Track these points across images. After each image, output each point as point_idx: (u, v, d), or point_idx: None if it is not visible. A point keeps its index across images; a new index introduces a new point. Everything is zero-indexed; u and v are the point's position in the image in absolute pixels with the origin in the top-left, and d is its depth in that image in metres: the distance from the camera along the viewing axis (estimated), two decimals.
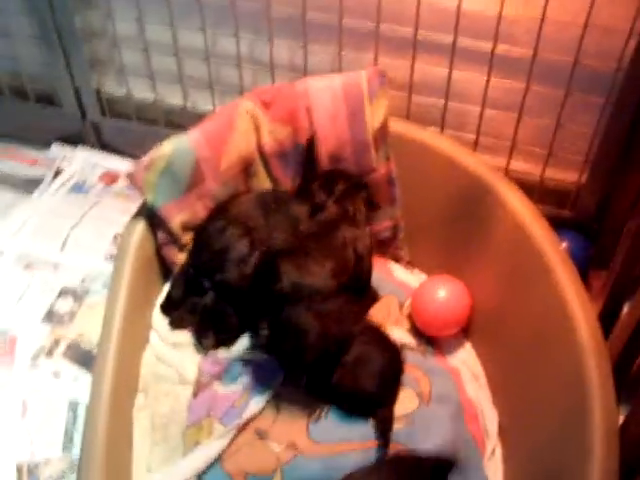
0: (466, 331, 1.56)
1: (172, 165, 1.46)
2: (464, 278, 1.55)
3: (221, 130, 1.51)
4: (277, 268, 1.35)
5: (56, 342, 1.63)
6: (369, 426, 1.34)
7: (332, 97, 1.54)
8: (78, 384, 1.55)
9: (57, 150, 2.09)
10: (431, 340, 1.54)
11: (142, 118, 1.93)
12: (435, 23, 1.53)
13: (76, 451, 1.47)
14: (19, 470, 1.44)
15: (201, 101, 1.85)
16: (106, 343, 1.35)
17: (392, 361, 1.40)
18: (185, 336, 1.50)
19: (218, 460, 1.31)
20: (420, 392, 1.41)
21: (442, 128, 1.66)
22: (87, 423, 1.27)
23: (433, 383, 1.43)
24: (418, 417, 1.36)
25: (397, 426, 1.34)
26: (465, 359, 1.52)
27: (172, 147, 1.46)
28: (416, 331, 1.54)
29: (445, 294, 1.51)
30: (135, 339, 1.46)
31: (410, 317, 1.55)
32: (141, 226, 1.49)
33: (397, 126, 1.58)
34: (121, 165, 2.03)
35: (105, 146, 2.08)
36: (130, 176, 1.45)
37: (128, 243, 1.47)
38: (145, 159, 1.45)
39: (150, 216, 1.50)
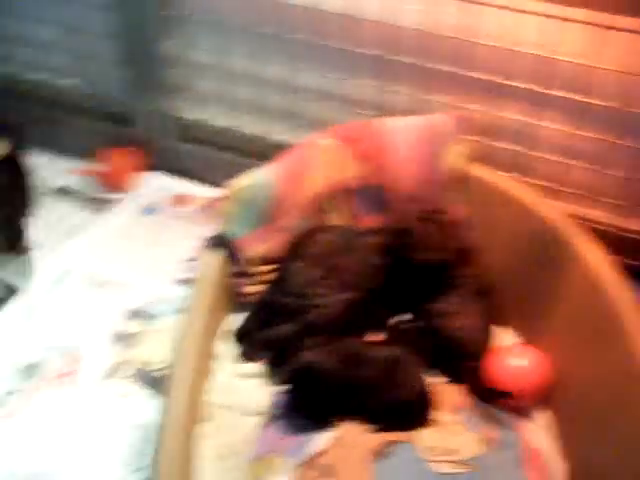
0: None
1: (253, 197, 1.48)
2: (534, 333, 1.54)
3: (300, 166, 1.53)
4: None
5: (123, 363, 1.65)
6: (431, 468, 1.34)
7: (410, 138, 1.56)
8: (144, 406, 1.56)
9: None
10: None
11: (217, 145, 1.96)
12: (526, 72, 1.54)
13: (141, 475, 1.48)
14: None
15: (278, 132, 1.87)
16: (179, 368, 1.36)
17: None
18: (254, 367, 1.51)
19: None
20: (487, 437, 1.41)
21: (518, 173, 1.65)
22: (158, 449, 1.28)
23: (500, 430, 1.43)
24: (483, 462, 1.37)
25: (460, 470, 1.35)
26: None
27: (254, 179, 1.48)
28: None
29: (520, 361, 1.49)
30: (204, 367, 1.48)
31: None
32: (216, 255, 1.51)
33: (472, 169, 1.59)
34: (193, 189, 2.05)
35: (178, 170, 2.10)
36: (210, 205, 1.48)
37: (205, 271, 1.49)
38: (227, 190, 1.47)
39: (226, 246, 1.51)
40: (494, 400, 1.46)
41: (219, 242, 1.52)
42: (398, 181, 1.56)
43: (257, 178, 1.49)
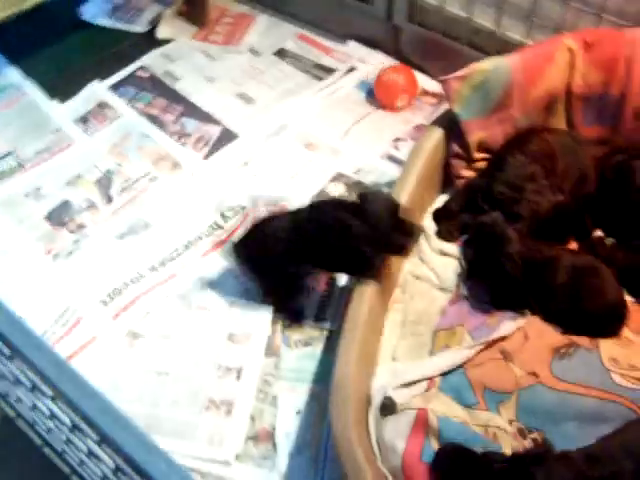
0: None
1: (487, 82, 1.49)
2: None
3: (540, 60, 1.52)
4: None
5: None
6: (612, 378, 1.35)
7: None
8: None
9: (353, 46, 2.18)
10: None
11: (445, 33, 1.96)
12: None
13: (326, 324, 1.57)
14: (274, 323, 1.56)
15: (511, 30, 1.84)
16: None
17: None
18: (451, 246, 1.55)
19: (462, 367, 1.37)
20: None
21: None
22: (351, 304, 1.37)
23: None
24: None
25: (638, 386, 1.34)
26: None
27: (492, 65, 1.49)
28: None
29: None
30: None
31: None
32: (439, 133, 1.55)
33: None
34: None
35: (399, 55, 2.13)
36: (444, 83, 1.50)
37: (423, 146, 1.54)
38: (462, 70, 1.49)
39: (449, 126, 1.54)
40: None
41: (445, 121, 1.55)
42: (635, 96, 1.52)
43: (497, 64, 1.50)
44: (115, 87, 2.11)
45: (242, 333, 1.55)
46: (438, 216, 1.59)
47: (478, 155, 1.57)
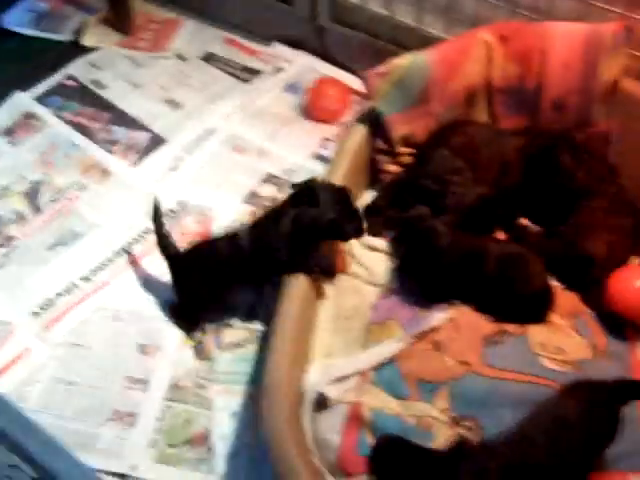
0: None
1: (406, 78, 1.52)
2: None
3: (457, 54, 1.55)
4: None
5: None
6: (540, 362, 1.38)
7: (570, 44, 1.55)
8: None
9: (279, 48, 2.19)
10: None
11: (369, 31, 1.98)
12: None
13: (258, 324, 1.58)
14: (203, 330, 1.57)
15: (432, 25, 1.87)
16: None
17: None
18: (380, 241, 1.57)
19: (394, 360, 1.38)
20: (594, 344, 1.44)
21: None
22: (282, 302, 1.37)
23: (608, 340, 1.45)
24: (588, 366, 1.39)
25: (566, 369, 1.38)
26: None
27: (410, 60, 1.52)
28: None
29: None
30: None
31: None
32: (362, 130, 1.57)
33: (629, 86, 1.57)
34: (337, 74, 2.10)
35: (325, 55, 2.14)
36: (364, 80, 1.52)
37: (348, 143, 1.55)
38: (382, 67, 1.51)
39: (372, 123, 1.56)
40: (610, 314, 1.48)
41: (368, 118, 1.56)
42: (552, 87, 1.56)
43: (414, 60, 1.52)
44: (41, 97, 2.08)
45: (153, 344, 1.55)
46: (367, 212, 1.60)
47: (402, 150, 1.59)
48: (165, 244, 1.53)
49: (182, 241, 1.67)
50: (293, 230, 1.38)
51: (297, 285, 1.39)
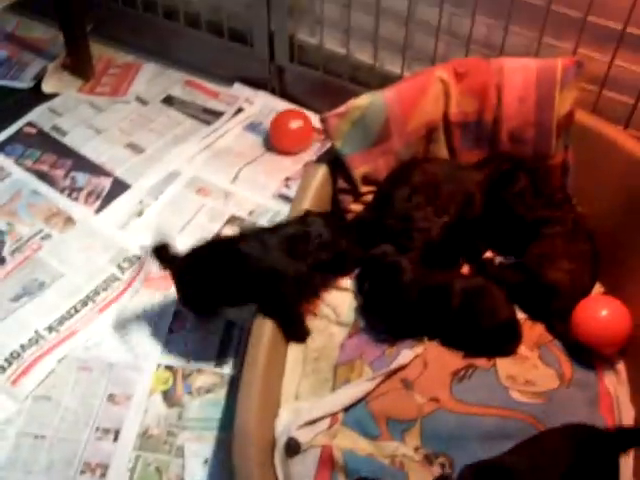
0: None
1: (365, 117, 1.53)
2: (618, 284, 1.55)
3: (414, 93, 1.57)
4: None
5: None
6: (510, 395, 1.39)
7: (524, 79, 1.58)
8: (235, 309, 1.62)
9: (239, 89, 2.21)
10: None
11: (328, 70, 2.01)
12: None
13: (227, 369, 1.57)
14: (174, 373, 1.56)
15: (389, 63, 1.90)
16: None
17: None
18: (345, 280, 1.57)
19: (363, 400, 1.39)
20: (562, 374, 1.45)
21: (626, 126, 1.65)
22: (251, 345, 1.37)
23: (575, 369, 1.46)
24: (556, 397, 1.41)
25: (535, 401, 1.39)
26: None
27: (368, 100, 1.53)
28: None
29: (607, 313, 1.49)
30: None
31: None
32: (323, 170, 1.58)
33: (583, 118, 1.60)
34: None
35: (285, 94, 2.17)
36: (323, 120, 1.54)
37: (309, 183, 1.56)
38: (341, 108, 1.53)
39: (333, 162, 1.57)
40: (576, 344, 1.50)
41: (328, 157, 1.58)
42: (508, 120, 1.59)
43: (372, 99, 1.54)
44: (1, 146, 2.07)
45: (122, 394, 1.53)
46: None
47: (364, 188, 1.60)
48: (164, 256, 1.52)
49: (147, 287, 1.67)
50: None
51: (265, 330, 1.38)
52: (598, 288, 1.60)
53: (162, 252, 1.51)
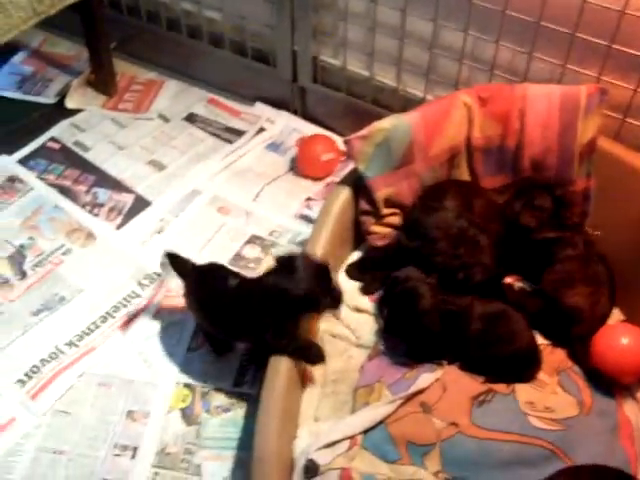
0: None
1: (389, 140, 1.54)
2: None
3: (439, 117, 1.58)
4: None
5: None
6: (529, 421, 1.39)
7: (548, 106, 1.58)
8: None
9: (262, 108, 2.22)
10: None
11: (350, 92, 2.02)
12: None
13: (246, 388, 1.58)
14: (192, 390, 1.56)
15: (412, 86, 1.91)
16: None
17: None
18: (366, 302, 1.58)
19: (383, 423, 1.38)
20: (581, 401, 1.44)
21: None
22: (270, 366, 1.36)
23: (594, 396, 1.46)
24: (576, 424, 1.40)
25: (554, 427, 1.39)
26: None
27: (392, 123, 1.54)
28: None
29: (627, 342, 1.47)
30: None
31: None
32: (346, 192, 1.59)
33: (606, 145, 1.60)
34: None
35: (306, 114, 2.18)
36: (347, 143, 1.55)
37: (332, 205, 1.57)
38: (365, 130, 1.54)
39: (356, 184, 1.58)
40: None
41: (351, 179, 1.58)
42: (530, 146, 1.59)
43: (396, 122, 1.54)
44: (25, 160, 2.09)
45: (141, 410, 1.54)
46: (356, 272, 1.62)
47: (387, 211, 1.61)
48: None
49: (166, 304, 1.68)
50: (267, 300, 1.38)
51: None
52: (618, 315, 1.59)
53: (177, 260, 1.55)
